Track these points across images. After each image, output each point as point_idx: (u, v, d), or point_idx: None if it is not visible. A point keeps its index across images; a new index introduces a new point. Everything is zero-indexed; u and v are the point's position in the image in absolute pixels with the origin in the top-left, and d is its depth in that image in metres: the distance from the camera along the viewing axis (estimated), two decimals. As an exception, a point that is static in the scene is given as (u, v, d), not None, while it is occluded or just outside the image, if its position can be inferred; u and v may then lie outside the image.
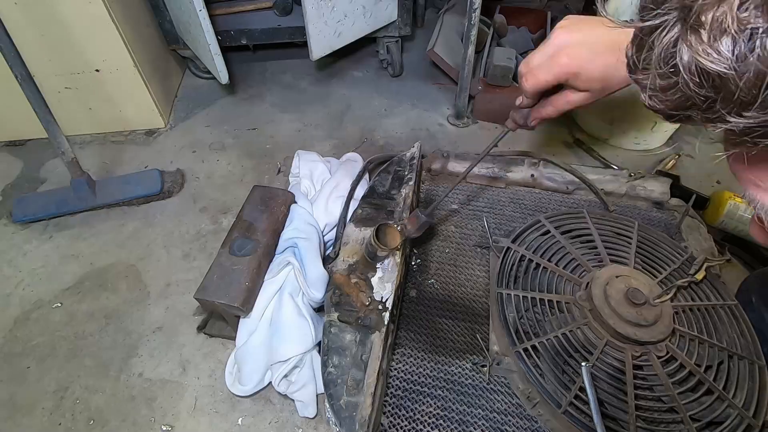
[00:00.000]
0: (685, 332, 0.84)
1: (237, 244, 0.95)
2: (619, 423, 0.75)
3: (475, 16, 1.27)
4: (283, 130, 1.56)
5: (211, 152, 1.48)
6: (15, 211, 1.26)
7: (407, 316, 0.98)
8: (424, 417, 0.83)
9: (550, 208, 1.17)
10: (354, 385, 0.76)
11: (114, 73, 1.39)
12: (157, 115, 1.52)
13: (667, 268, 0.95)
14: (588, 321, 0.85)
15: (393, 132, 1.55)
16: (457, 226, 1.15)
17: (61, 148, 1.17)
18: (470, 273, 1.05)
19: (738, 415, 0.76)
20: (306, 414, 0.88)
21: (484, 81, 1.45)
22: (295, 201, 1.09)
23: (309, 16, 1.31)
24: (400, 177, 1.10)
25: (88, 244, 1.21)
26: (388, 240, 0.89)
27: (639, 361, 0.81)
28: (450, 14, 1.79)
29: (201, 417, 0.91)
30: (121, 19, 1.31)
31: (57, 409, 0.92)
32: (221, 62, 1.39)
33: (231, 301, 0.86)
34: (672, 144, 1.49)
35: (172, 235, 1.23)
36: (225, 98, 1.69)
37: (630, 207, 1.17)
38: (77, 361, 0.99)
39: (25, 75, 1.06)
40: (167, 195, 1.33)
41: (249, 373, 0.90)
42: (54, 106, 1.15)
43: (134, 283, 1.13)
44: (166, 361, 0.99)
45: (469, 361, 0.90)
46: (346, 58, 1.86)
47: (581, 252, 0.98)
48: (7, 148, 1.50)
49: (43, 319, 1.06)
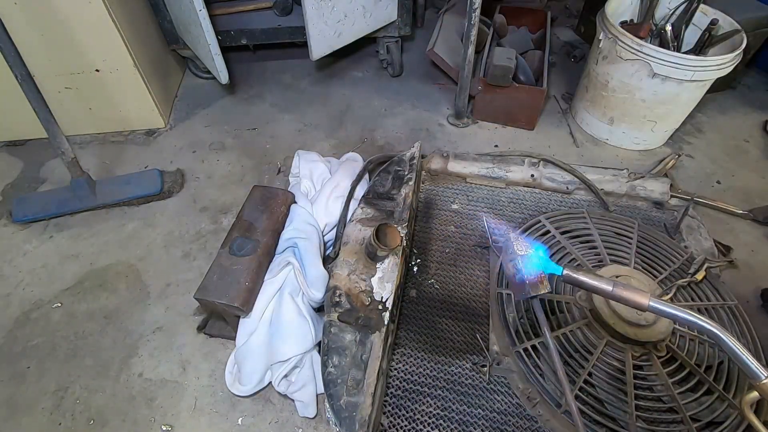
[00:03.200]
0: (685, 332, 0.84)
1: (237, 244, 0.95)
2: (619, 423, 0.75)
3: (475, 16, 1.27)
4: (283, 130, 1.56)
5: (211, 152, 1.48)
6: (15, 211, 1.26)
7: (407, 316, 0.98)
8: (424, 417, 0.83)
9: (550, 208, 1.17)
10: (354, 385, 0.76)
11: (114, 73, 1.39)
12: (157, 115, 1.52)
13: (667, 268, 0.95)
14: (588, 321, 0.85)
15: (393, 132, 1.55)
16: (457, 226, 1.15)
17: (61, 148, 1.17)
18: (470, 273, 1.05)
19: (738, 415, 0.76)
20: (306, 414, 0.88)
21: (484, 81, 1.45)
22: (295, 201, 1.08)
23: (309, 16, 1.31)
24: (400, 177, 1.10)
25: (88, 244, 1.21)
26: (388, 240, 0.89)
27: (639, 361, 0.81)
28: (450, 14, 1.79)
29: (201, 417, 0.91)
30: (121, 19, 1.31)
31: (57, 409, 0.92)
32: (221, 62, 1.39)
33: (231, 301, 0.86)
34: (672, 144, 1.50)
35: (172, 235, 1.23)
36: (225, 98, 1.69)
37: (630, 207, 1.17)
38: (77, 361, 0.99)
39: (25, 75, 1.06)
40: (167, 195, 1.33)
41: (249, 373, 0.90)
42: (54, 106, 1.15)
43: (134, 283, 1.13)
44: (166, 361, 0.99)
45: (469, 361, 0.90)
46: (346, 58, 1.86)
47: (581, 252, 0.98)
48: (7, 148, 1.50)
49: (43, 319, 1.06)
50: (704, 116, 1.60)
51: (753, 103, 1.66)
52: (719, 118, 1.60)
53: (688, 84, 1.25)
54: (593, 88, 1.45)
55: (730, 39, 1.31)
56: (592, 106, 1.48)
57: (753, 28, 1.43)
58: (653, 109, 1.35)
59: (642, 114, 1.37)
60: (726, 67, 1.22)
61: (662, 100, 1.31)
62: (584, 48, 1.87)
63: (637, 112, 1.37)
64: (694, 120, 1.57)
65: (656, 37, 1.42)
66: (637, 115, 1.38)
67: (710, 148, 1.49)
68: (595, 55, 1.40)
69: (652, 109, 1.35)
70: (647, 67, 1.25)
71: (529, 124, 1.52)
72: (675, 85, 1.26)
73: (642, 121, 1.39)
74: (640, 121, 1.39)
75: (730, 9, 1.36)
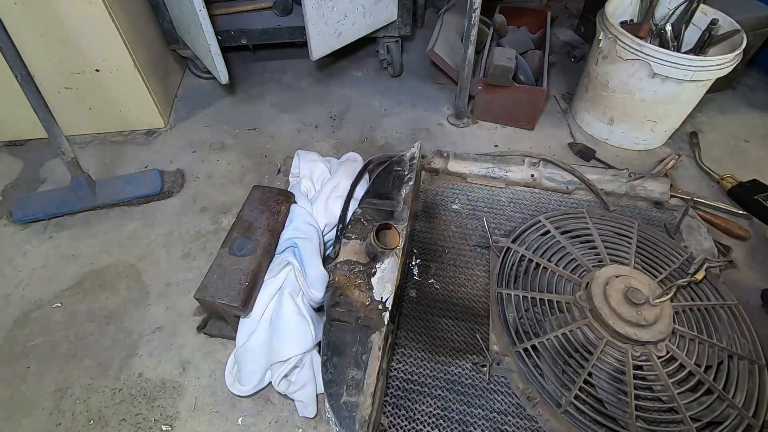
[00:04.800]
0: (685, 332, 0.84)
1: (237, 244, 0.95)
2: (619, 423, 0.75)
3: (475, 16, 1.27)
4: (283, 130, 1.56)
5: (211, 152, 1.48)
6: (15, 211, 1.26)
7: (407, 316, 0.98)
8: (424, 417, 0.83)
9: (550, 208, 1.17)
10: (354, 385, 0.76)
11: (114, 73, 1.39)
12: (157, 115, 1.52)
13: (667, 268, 0.95)
14: (588, 321, 0.85)
15: (393, 132, 1.55)
16: (457, 226, 1.15)
17: (61, 148, 1.17)
18: (470, 273, 1.05)
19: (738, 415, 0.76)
20: (306, 414, 0.88)
21: (483, 81, 1.45)
22: (295, 201, 1.08)
23: (309, 16, 1.31)
24: (400, 177, 1.10)
25: (88, 244, 1.21)
26: (388, 240, 0.89)
27: (639, 361, 0.81)
28: (450, 14, 1.79)
29: (201, 417, 0.91)
30: (121, 19, 1.31)
31: (57, 409, 0.92)
32: (221, 62, 1.39)
33: (231, 301, 0.86)
34: (672, 144, 1.50)
35: (172, 235, 1.23)
36: (225, 98, 1.69)
37: (630, 207, 1.17)
38: (77, 361, 0.99)
39: (25, 75, 1.06)
40: (167, 195, 1.33)
41: (249, 373, 0.90)
42: (54, 106, 1.15)
43: (134, 283, 1.13)
44: (166, 361, 0.99)
45: (469, 361, 0.90)
46: (346, 58, 1.86)
47: (581, 252, 0.98)
48: (7, 148, 1.50)
49: (43, 319, 1.06)
50: (704, 116, 1.60)
51: (753, 103, 1.66)
52: (719, 118, 1.60)
53: (688, 84, 1.25)
54: (593, 88, 1.45)
55: (730, 39, 1.31)
56: (592, 106, 1.48)
57: (753, 28, 1.43)
58: (653, 109, 1.35)
59: (642, 114, 1.37)
60: (726, 67, 1.22)
61: (662, 100, 1.31)
62: (584, 48, 1.87)
63: (637, 112, 1.37)
64: (694, 120, 1.57)
65: (656, 37, 1.42)
66: (637, 115, 1.38)
67: (710, 148, 1.49)
68: (595, 55, 1.40)
69: (652, 109, 1.35)
70: (647, 67, 1.25)
71: (529, 124, 1.52)
72: (675, 85, 1.26)
73: (642, 121, 1.39)
74: (640, 121, 1.39)
75: (730, 9, 1.36)
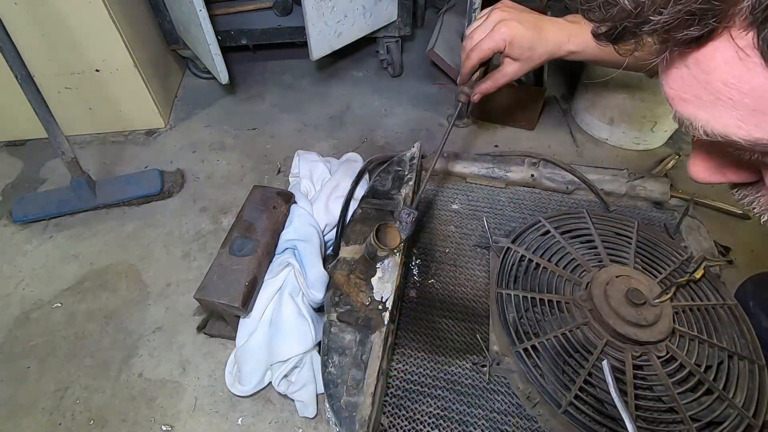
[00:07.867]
0: (685, 332, 0.84)
1: (237, 244, 0.95)
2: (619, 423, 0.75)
3: (475, 16, 1.27)
4: (283, 130, 1.56)
5: (211, 152, 1.48)
6: (15, 211, 1.26)
7: (407, 316, 0.98)
8: (424, 417, 0.83)
9: (550, 208, 1.17)
10: (354, 385, 0.76)
11: (114, 73, 1.39)
12: (157, 115, 1.52)
13: (667, 268, 0.95)
14: (588, 321, 0.85)
15: (393, 132, 1.55)
16: (457, 226, 1.15)
17: (61, 148, 1.17)
18: (470, 273, 1.05)
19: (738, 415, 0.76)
20: (306, 414, 0.88)
21: (484, 81, 1.45)
22: (295, 201, 1.09)
23: (309, 16, 1.31)
24: (400, 177, 1.10)
25: (88, 244, 1.21)
26: (388, 240, 0.89)
27: (639, 361, 0.81)
28: (450, 14, 1.79)
29: (201, 417, 0.91)
30: (121, 19, 1.31)
31: (57, 409, 0.92)
32: (221, 62, 1.39)
33: (231, 301, 0.86)
34: (672, 144, 1.49)
35: (172, 235, 1.23)
36: (225, 98, 1.68)
37: (630, 207, 1.17)
38: (77, 361, 0.99)
39: (25, 75, 1.06)
40: (167, 195, 1.33)
41: (249, 373, 0.90)
42: (54, 106, 1.14)
43: (134, 283, 1.13)
44: (166, 361, 0.99)
45: (469, 361, 0.90)
46: (346, 58, 1.86)
47: (581, 252, 0.98)
48: (7, 148, 1.50)
49: (43, 319, 1.06)
50: (704, 116, 1.60)
51: (753, 103, 1.66)
52: (719, 118, 1.60)
53: (688, 84, 1.25)
54: (593, 88, 1.45)
55: (730, 39, 1.31)
56: (592, 106, 1.48)
57: (753, 28, 1.43)
58: (653, 109, 1.35)
59: (642, 114, 1.37)
60: (726, 67, 1.21)
61: (662, 100, 1.31)
62: (584, 48, 1.87)
63: (637, 112, 1.37)
64: (694, 120, 1.56)
65: (656, 37, 1.42)
66: (637, 115, 1.38)
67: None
68: (595, 55, 1.40)
69: (652, 109, 1.35)
70: (647, 67, 1.24)
71: (529, 124, 1.52)
72: (675, 85, 1.26)
73: (642, 121, 1.39)
74: (640, 121, 1.39)
75: (730, 9, 1.36)
